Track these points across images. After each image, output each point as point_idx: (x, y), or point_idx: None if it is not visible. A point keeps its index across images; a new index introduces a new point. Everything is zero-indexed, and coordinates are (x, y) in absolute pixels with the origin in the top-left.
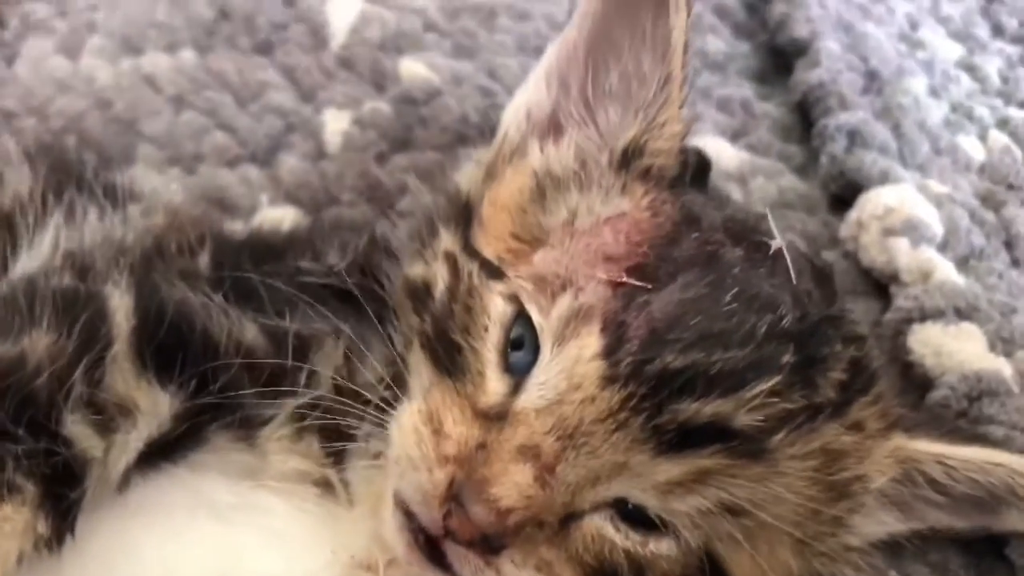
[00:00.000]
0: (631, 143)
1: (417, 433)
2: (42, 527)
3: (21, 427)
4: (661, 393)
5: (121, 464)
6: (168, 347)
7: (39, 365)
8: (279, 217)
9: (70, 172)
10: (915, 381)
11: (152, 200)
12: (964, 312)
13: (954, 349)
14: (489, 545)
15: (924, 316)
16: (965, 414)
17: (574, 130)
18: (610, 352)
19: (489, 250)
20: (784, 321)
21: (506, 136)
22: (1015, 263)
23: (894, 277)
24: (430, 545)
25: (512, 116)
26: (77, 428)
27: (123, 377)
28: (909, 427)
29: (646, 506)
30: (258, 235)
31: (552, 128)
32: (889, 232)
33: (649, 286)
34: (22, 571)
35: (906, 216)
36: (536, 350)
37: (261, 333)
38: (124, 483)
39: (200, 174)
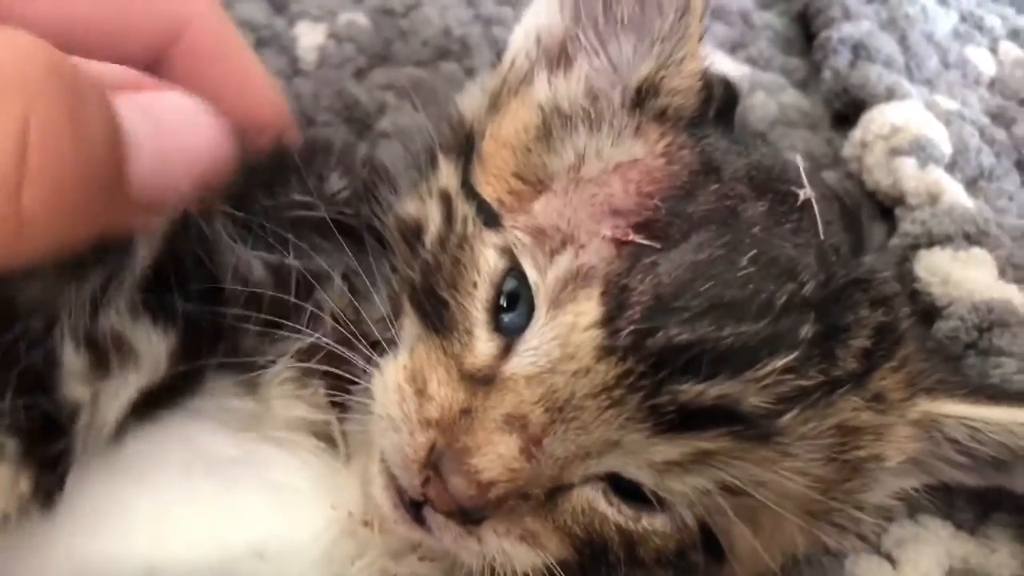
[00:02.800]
0: (645, 80)
1: (400, 391)
2: (25, 486)
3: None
4: (662, 371)
5: (113, 412)
6: (167, 285)
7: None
8: None
9: None
10: (921, 310)
11: None
12: (973, 237)
13: (962, 277)
14: (469, 517)
15: (932, 241)
16: (974, 346)
17: (584, 61)
18: (609, 320)
19: (488, 190)
20: (806, 288)
21: (513, 63)
22: None
23: (900, 200)
24: (415, 506)
25: (521, 40)
26: (72, 365)
27: (119, 313)
28: (932, 387)
29: (640, 482)
30: (260, 158)
31: (563, 57)
32: (895, 152)
33: (658, 246)
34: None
35: (913, 135)
36: (530, 309)
37: (266, 271)
38: (118, 434)
39: None
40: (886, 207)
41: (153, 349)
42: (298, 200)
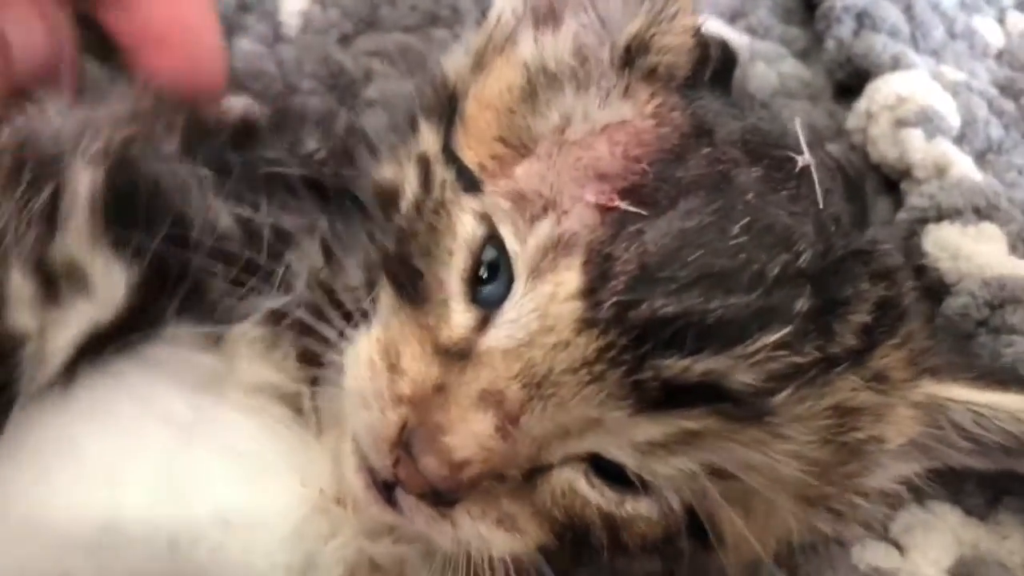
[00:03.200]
0: (635, 37)
1: (372, 366)
2: None
3: None
4: (645, 344)
5: (61, 345)
6: (131, 216)
7: None
8: (232, 108)
9: None
10: (929, 286)
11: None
12: (983, 211)
13: (973, 252)
14: (441, 499)
15: (940, 216)
16: (985, 323)
17: (572, 17)
18: (590, 291)
19: (470, 155)
20: (801, 259)
21: (499, 19)
22: None
23: (906, 173)
24: (388, 487)
25: None
26: (17, 289)
27: (77, 240)
28: (938, 368)
29: (623, 464)
30: (233, 120)
31: (550, 13)
32: (901, 123)
33: (644, 212)
34: None
35: (920, 106)
36: (510, 280)
37: (236, 222)
38: (68, 377)
39: None
40: (891, 180)
41: (111, 281)
42: (269, 156)
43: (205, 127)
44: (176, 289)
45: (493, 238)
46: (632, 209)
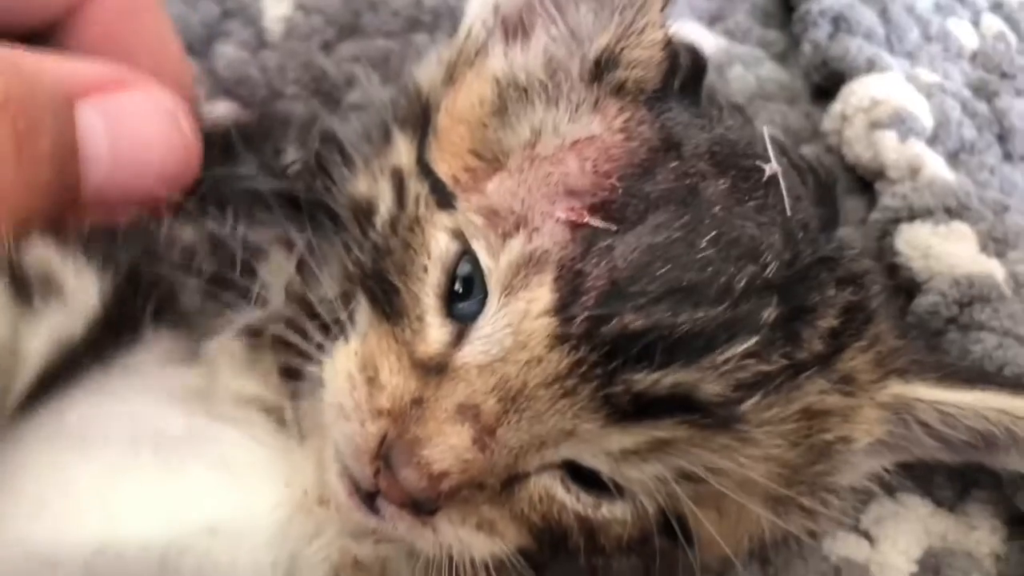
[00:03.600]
0: (604, 51)
1: (351, 380)
2: None
3: None
4: (616, 359)
5: (34, 350)
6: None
7: None
8: (216, 114)
9: None
10: (901, 285)
11: None
12: (955, 211)
13: (943, 251)
14: (422, 508)
15: (912, 215)
16: (955, 320)
17: (542, 30)
18: (562, 308)
19: (444, 167)
20: (768, 270)
21: (470, 32)
22: (1008, 157)
23: (880, 173)
24: (370, 496)
25: (478, 8)
26: None
27: (48, 246)
28: (905, 368)
29: (598, 470)
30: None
31: (521, 27)
32: (875, 125)
33: (614, 228)
34: None
35: (894, 108)
36: (486, 294)
37: (199, 236)
38: (54, 396)
39: None
40: (866, 181)
41: (84, 287)
42: (241, 172)
43: None
44: (150, 294)
45: (467, 253)
46: (602, 225)
